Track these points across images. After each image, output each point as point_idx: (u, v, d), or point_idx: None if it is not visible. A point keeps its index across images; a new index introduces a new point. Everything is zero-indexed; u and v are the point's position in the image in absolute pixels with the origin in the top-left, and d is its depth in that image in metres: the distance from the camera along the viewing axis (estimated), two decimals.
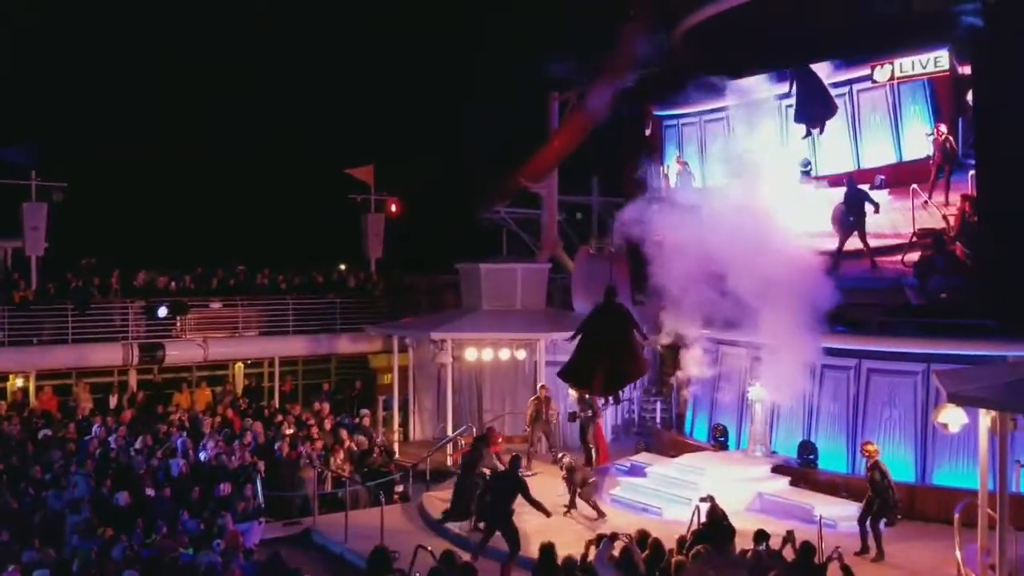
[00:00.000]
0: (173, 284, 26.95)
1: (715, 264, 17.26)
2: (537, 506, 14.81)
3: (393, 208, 33.38)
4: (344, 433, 21.49)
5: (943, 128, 16.48)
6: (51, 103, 35.32)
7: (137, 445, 19.44)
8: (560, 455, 18.29)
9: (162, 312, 25.37)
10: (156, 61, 38.77)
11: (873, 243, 17.53)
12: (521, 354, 23.74)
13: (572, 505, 17.05)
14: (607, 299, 16.80)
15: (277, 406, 25.42)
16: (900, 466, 17.58)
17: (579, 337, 16.59)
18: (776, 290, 16.63)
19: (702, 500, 13.61)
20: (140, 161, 39.26)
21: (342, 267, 33.52)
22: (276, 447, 19.88)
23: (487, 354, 23.67)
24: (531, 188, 29.15)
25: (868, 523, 14.73)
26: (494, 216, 31.29)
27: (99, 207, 34.53)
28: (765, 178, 19.10)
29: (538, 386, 21.80)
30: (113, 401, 24.76)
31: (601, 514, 16.59)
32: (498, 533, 14.56)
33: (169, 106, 39.63)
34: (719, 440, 20.48)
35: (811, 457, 18.36)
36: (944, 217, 16.24)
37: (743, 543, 12.20)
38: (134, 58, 38.33)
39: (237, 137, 40.79)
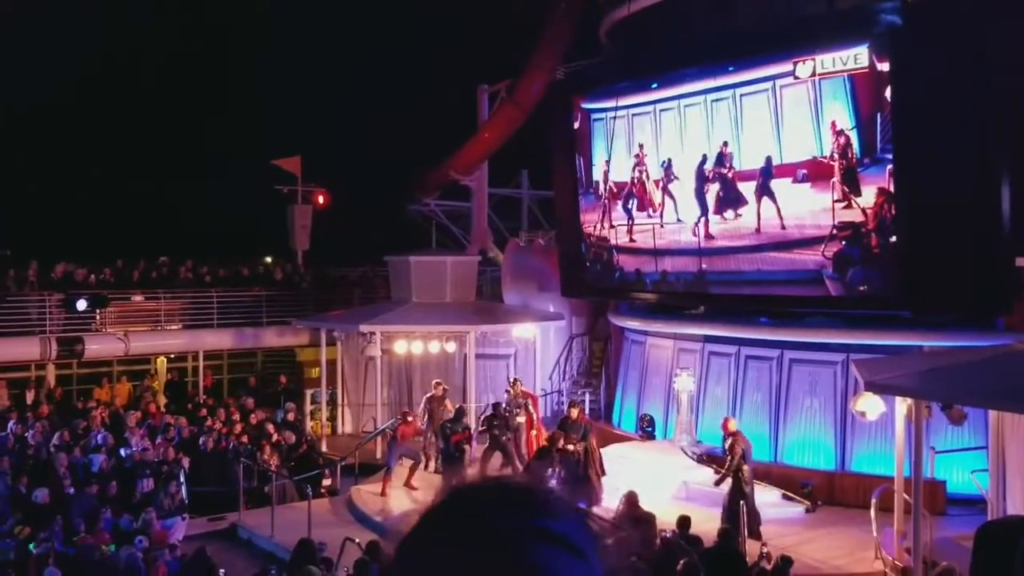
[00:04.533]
0: (93, 277, 26.36)
1: None
2: None
3: (320, 200, 33.11)
4: (271, 427, 21.31)
5: (838, 125, 17.04)
6: None
7: (55, 441, 19.02)
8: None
9: (81, 305, 24.81)
10: (81, 44, 37.80)
11: (794, 235, 17.96)
12: (451, 347, 23.79)
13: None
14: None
15: (202, 400, 25.08)
16: (821, 453, 18.07)
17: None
18: None
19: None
20: (59, 149, 38.30)
21: (268, 259, 33.17)
22: (201, 442, 19.63)
23: (417, 347, 23.66)
24: (461, 181, 29.21)
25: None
26: (424, 209, 31.28)
27: (15, 197, 33.63)
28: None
29: (433, 382, 21.18)
30: (30, 396, 24.15)
31: None
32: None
33: (90, 91, 38.70)
34: (646, 430, 20.79)
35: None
36: (863, 211, 16.68)
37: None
38: (55, 44, 37.33)
39: (160, 126, 40.04)
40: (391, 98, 40.15)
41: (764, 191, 18.59)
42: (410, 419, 18.86)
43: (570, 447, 16.60)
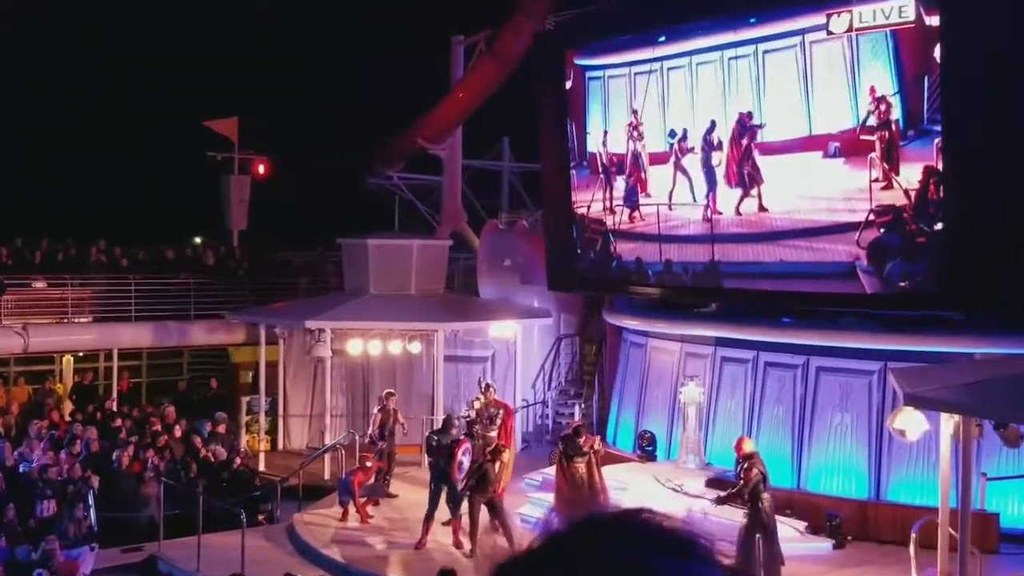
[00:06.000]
0: None
1: None
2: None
3: (261, 169, 32.95)
4: (198, 441, 21.26)
5: (878, 90, 17.09)
6: None
7: None
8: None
9: None
10: None
11: (825, 220, 18.04)
12: (415, 347, 23.75)
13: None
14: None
15: (115, 407, 24.93)
16: (852, 479, 18.15)
17: None
18: None
19: None
20: None
21: (198, 240, 33.03)
22: (114, 457, 19.56)
23: (375, 347, 23.63)
24: (430, 149, 29.12)
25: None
26: (386, 183, 31.18)
27: None
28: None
29: (384, 393, 20.92)
30: None
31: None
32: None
33: None
34: (646, 449, 20.84)
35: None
36: (906, 192, 16.75)
37: None
38: None
39: (67, 81, 39.69)
40: (347, 50, 39.99)
41: (750, 170, 18.79)
42: (369, 465, 18.79)
43: (581, 466, 16.99)
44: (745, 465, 14.96)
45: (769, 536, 14.59)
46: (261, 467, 22.87)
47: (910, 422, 13.97)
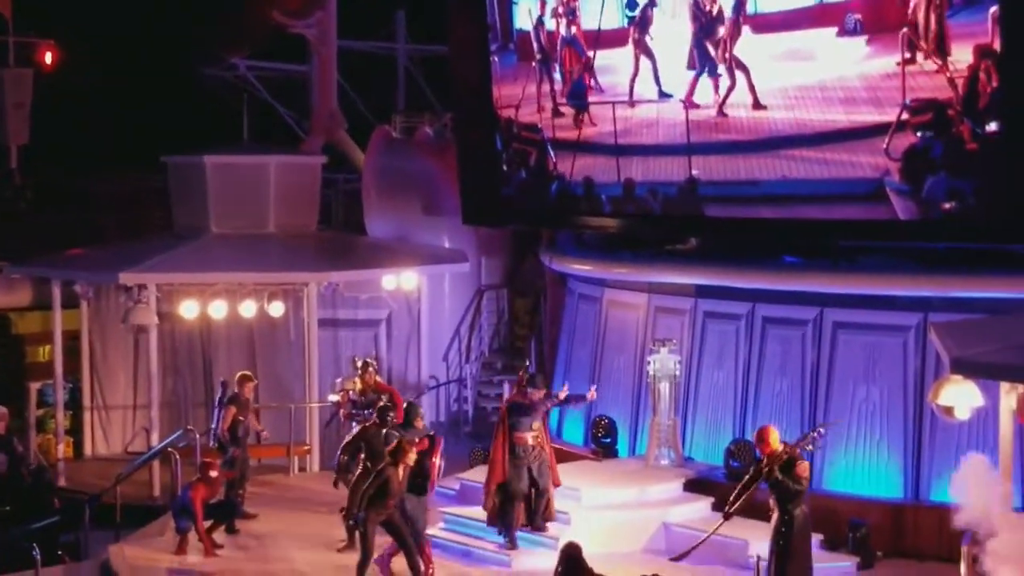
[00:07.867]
0: None
1: None
2: None
3: (48, 58, 32.58)
4: None
5: None
6: None
7: None
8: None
9: None
10: None
11: (842, 121, 18.27)
12: (277, 309, 23.69)
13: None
14: None
15: None
16: (883, 475, 18.52)
17: None
18: None
19: None
20: None
21: None
22: None
23: (218, 309, 23.50)
24: (292, 27, 28.97)
25: None
26: (229, 75, 30.98)
27: None
28: None
29: (237, 376, 20.71)
30: None
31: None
32: None
33: None
34: (603, 442, 21.09)
35: (743, 464, 18.94)
36: (951, 80, 17.01)
37: None
38: None
39: None
40: None
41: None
42: (214, 475, 18.74)
43: (531, 436, 17.45)
44: (782, 463, 14.89)
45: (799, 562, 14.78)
46: (61, 481, 22.85)
47: (959, 396, 14.24)
